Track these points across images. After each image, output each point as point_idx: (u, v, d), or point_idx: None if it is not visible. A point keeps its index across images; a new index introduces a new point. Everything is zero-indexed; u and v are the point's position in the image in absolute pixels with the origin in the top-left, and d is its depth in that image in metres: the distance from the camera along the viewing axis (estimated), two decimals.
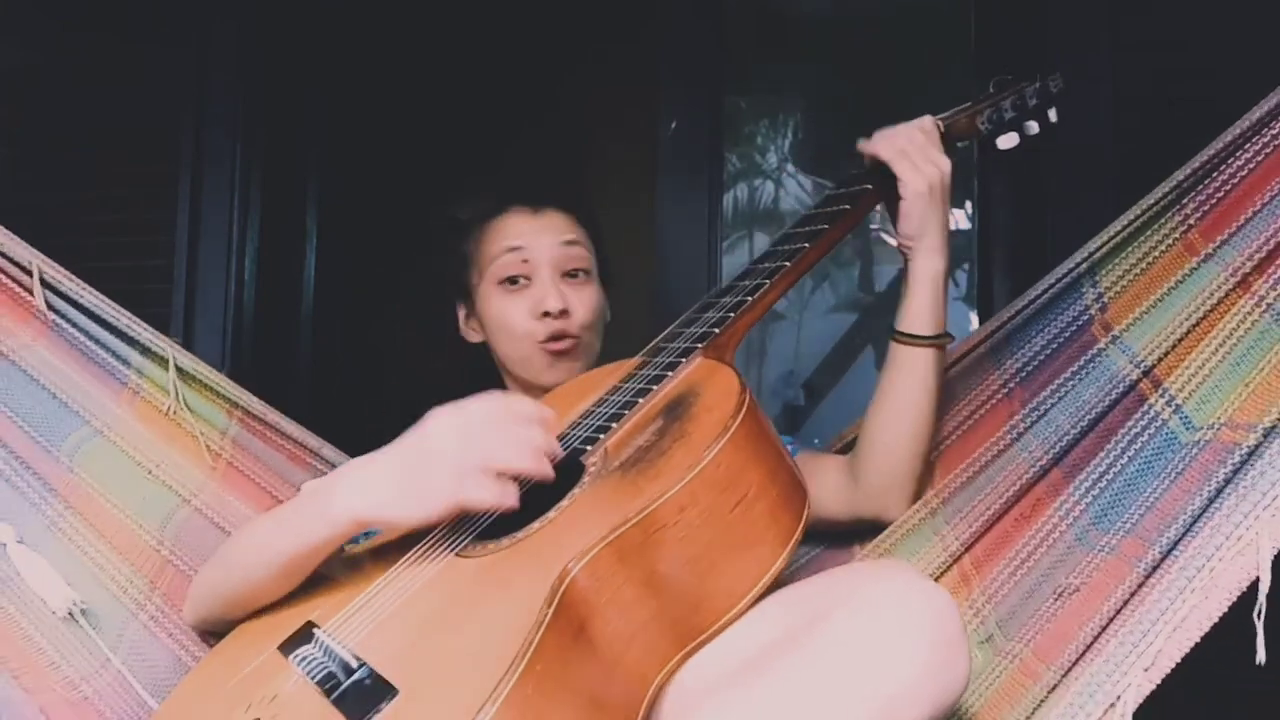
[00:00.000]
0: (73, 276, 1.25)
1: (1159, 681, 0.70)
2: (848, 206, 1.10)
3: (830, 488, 1.15)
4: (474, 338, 1.31)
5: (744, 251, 2.40)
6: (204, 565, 1.07)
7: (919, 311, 1.08)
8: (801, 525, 0.88)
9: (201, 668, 0.99)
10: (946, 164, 1.08)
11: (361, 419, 1.45)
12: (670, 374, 0.98)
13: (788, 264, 1.07)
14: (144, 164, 2.16)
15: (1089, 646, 0.81)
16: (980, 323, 2.00)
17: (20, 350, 1.21)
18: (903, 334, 1.09)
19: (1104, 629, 0.81)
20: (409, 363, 1.40)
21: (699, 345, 1.00)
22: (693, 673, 0.82)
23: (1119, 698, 0.69)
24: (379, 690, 0.74)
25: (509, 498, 0.85)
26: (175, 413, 1.27)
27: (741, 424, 0.85)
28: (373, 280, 2.61)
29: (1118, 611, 0.81)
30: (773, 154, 2.43)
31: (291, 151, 2.34)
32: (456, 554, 0.87)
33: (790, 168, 2.43)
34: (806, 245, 1.08)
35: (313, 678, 0.79)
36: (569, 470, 0.90)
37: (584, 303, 1.23)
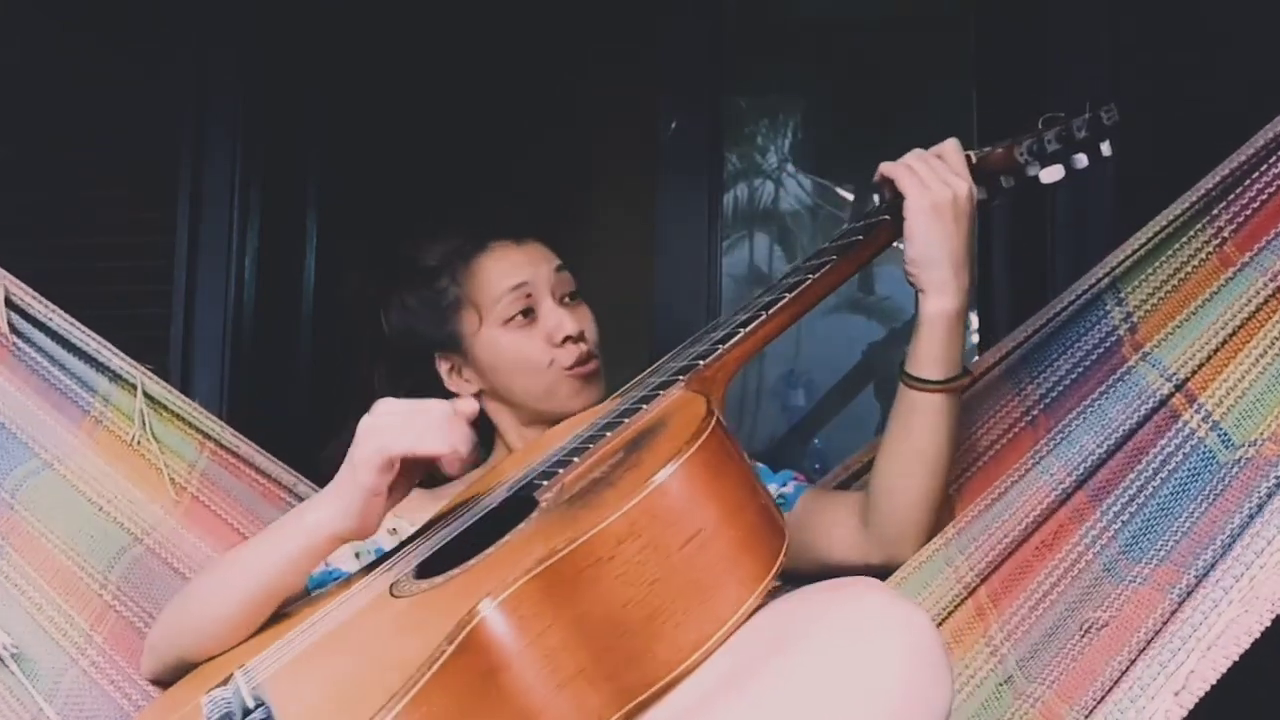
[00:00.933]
0: (41, 298, 1.20)
1: (1191, 707, 0.62)
2: (860, 237, 1.02)
3: (839, 534, 1.09)
4: (466, 389, 1.22)
5: (744, 251, 2.40)
6: (163, 612, 1.01)
7: (927, 353, 0.99)
8: (770, 574, 0.76)
9: (144, 714, 0.97)
10: (962, 186, 0.97)
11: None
12: (645, 407, 0.91)
13: (788, 296, 0.98)
14: (144, 164, 2.16)
15: (1116, 682, 0.73)
16: (980, 324, 2.00)
17: None
18: (911, 377, 1.01)
19: (1134, 661, 0.73)
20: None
21: (680, 378, 0.93)
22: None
23: None
24: None
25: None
26: (140, 442, 1.22)
27: (699, 451, 0.75)
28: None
29: (1148, 644, 0.73)
30: (773, 154, 2.43)
31: (291, 151, 2.33)
32: (391, 591, 0.83)
33: (790, 168, 2.43)
34: (810, 278, 0.99)
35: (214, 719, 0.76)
36: (524, 507, 0.85)
37: (589, 322, 1.20)
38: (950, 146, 1.02)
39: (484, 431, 1.24)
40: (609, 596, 0.71)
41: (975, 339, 2.04)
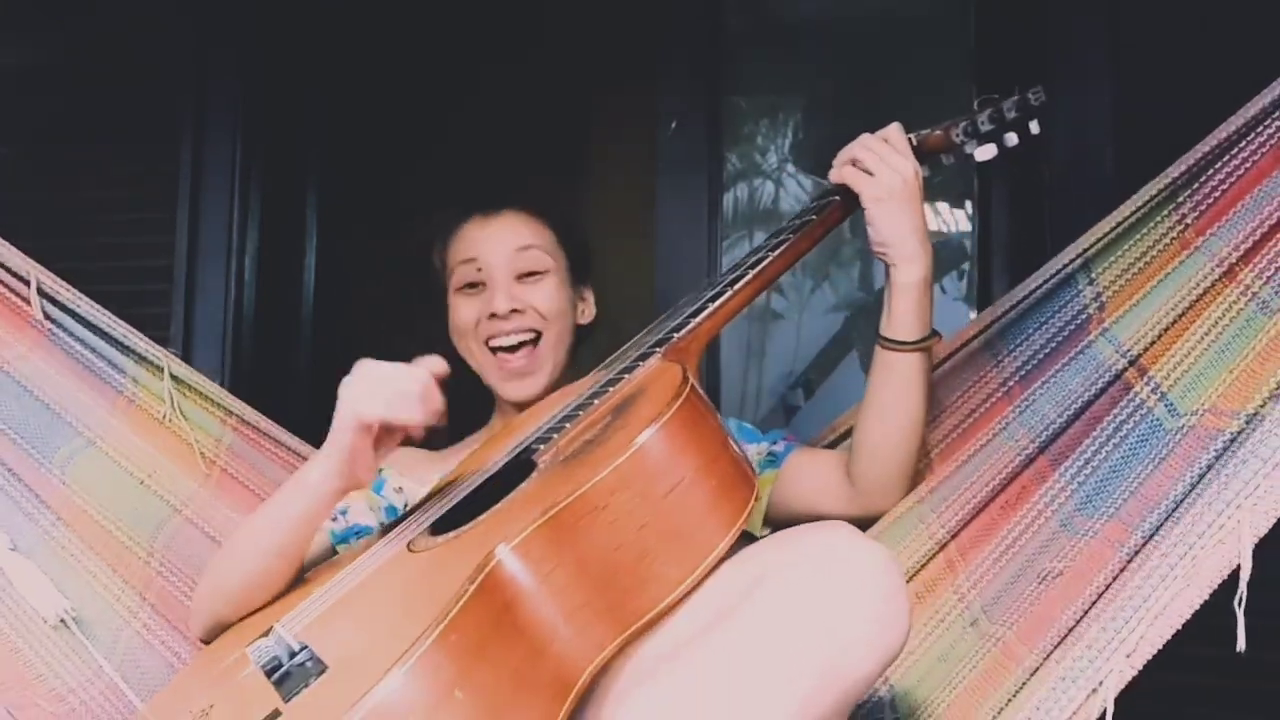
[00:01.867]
0: (70, 286, 1.26)
1: (1140, 668, 0.71)
2: (814, 218, 1.13)
3: (826, 487, 1.17)
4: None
5: (744, 251, 2.40)
6: (200, 581, 1.09)
7: (901, 318, 1.09)
8: (742, 518, 0.88)
9: (187, 668, 1.05)
10: (908, 169, 1.07)
11: None
12: (627, 376, 1.01)
13: (751, 273, 1.09)
14: (144, 164, 2.16)
15: (1070, 631, 0.82)
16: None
17: (15, 361, 1.21)
18: (887, 340, 1.10)
19: (1085, 613, 0.82)
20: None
21: (657, 349, 1.04)
22: (630, 654, 0.83)
23: (1101, 683, 0.70)
24: (314, 670, 0.79)
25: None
26: (170, 420, 1.28)
27: (677, 413, 0.86)
28: (373, 280, 2.60)
29: (1099, 595, 0.82)
30: (773, 154, 2.43)
31: (291, 151, 2.34)
32: (408, 548, 0.93)
33: (790, 168, 2.43)
34: (771, 255, 1.10)
35: (261, 665, 0.83)
36: (524, 469, 0.95)
37: (542, 298, 1.27)
38: (894, 130, 1.11)
39: (485, 392, 1.33)
40: (605, 540, 0.82)
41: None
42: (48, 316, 1.24)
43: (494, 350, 1.26)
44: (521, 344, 1.27)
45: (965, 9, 2.11)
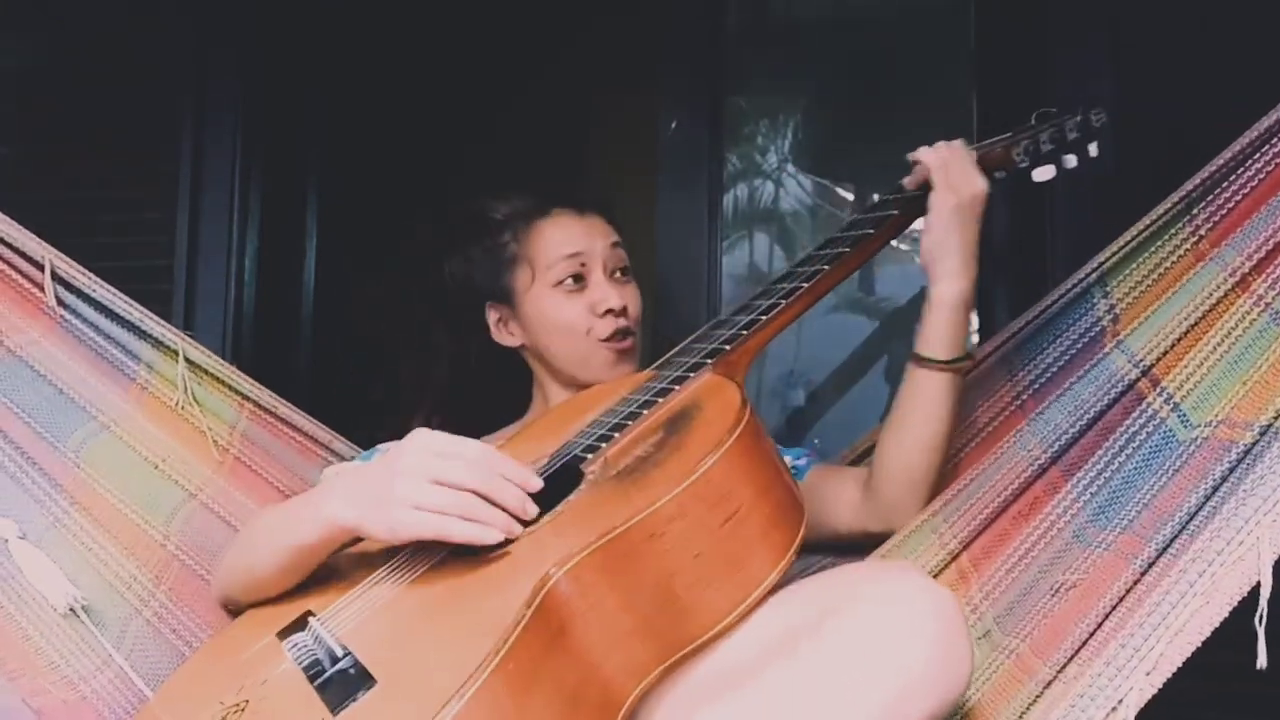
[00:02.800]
0: (85, 271, 1.25)
1: (1160, 686, 0.70)
2: (871, 231, 1.10)
3: (843, 502, 1.15)
4: (510, 341, 1.29)
5: (744, 251, 2.40)
6: (227, 547, 1.08)
7: (937, 335, 1.07)
8: (795, 544, 0.87)
9: (204, 650, 1.02)
10: (982, 185, 1.06)
11: (361, 420, 1.45)
12: (677, 388, 0.99)
13: (805, 285, 1.06)
14: (144, 164, 2.16)
15: (1084, 644, 0.82)
16: (980, 322, 2.00)
17: (28, 346, 1.21)
18: (920, 356, 1.08)
19: (1099, 626, 0.82)
20: (408, 363, 1.40)
21: (709, 361, 1.01)
22: (687, 677, 0.82)
23: (1121, 701, 0.69)
24: (359, 679, 0.76)
25: (482, 534, 0.83)
26: (183, 407, 1.27)
27: (738, 440, 0.85)
28: (373, 280, 2.60)
29: (1113, 608, 0.82)
30: (773, 154, 2.43)
31: (291, 151, 2.33)
32: (453, 553, 0.88)
33: (790, 168, 2.42)
34: (826, 268, 1.07)
35: (300, 664, 0.81)
36: (569, 477, 0.92)
37: (635, 300, 1.27)
38: (960, 144, 1.10)
39: (524, 382, 1.32)
40: (658, 567, 0.80)
41: (975, 339, 2.04)
42: (61, 302, 1.24)
43: (601, 341, 1.24)
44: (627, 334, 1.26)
45: (965, 9, 2.11)
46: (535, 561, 0.80)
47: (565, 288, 1.24)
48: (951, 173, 1.06)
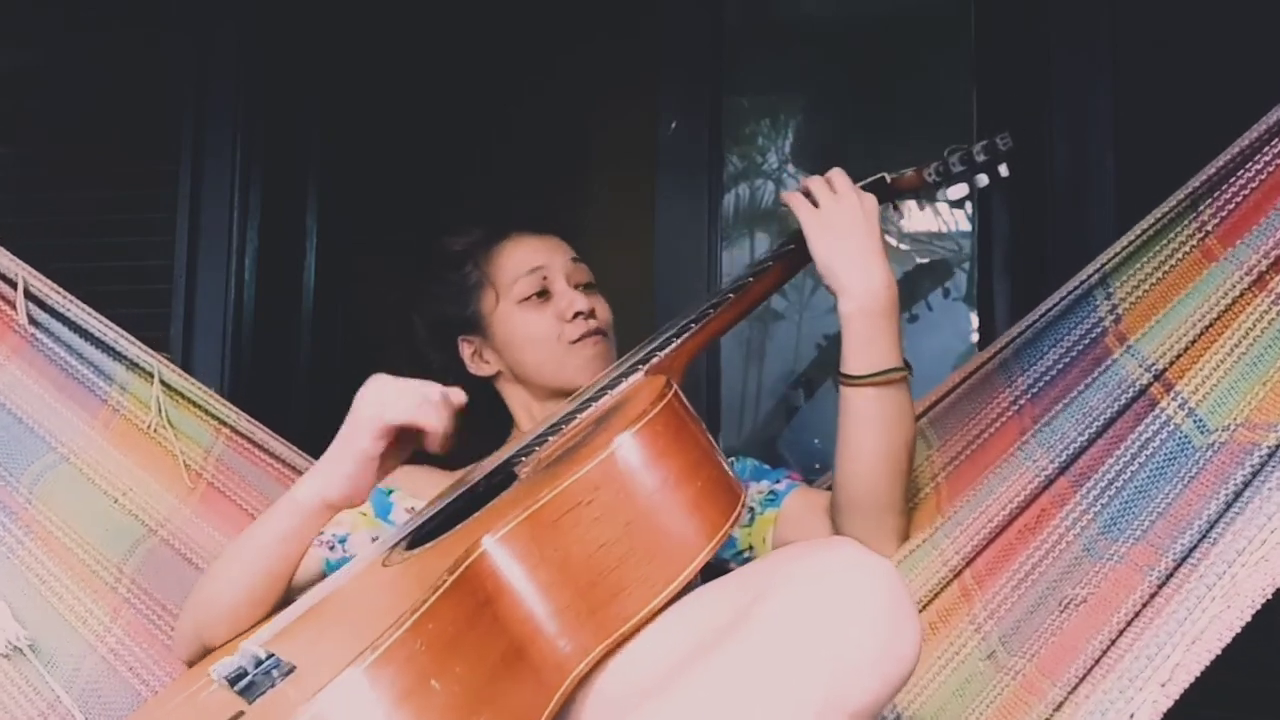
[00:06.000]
0: (60, 289, 1.22)
1: (1176, 698, 0.65)
2: (771, 264, 1.15)
3: (821, 527, 1.14)
4: (486, 370, 1.31)
5: (744, 251, 2.40)
6: (185, 603, 1.07)
7: (850, 351, 1.07)
8: (728, 523, 0.86)
9: (155, 699, 1.02)
10: (849, 200, 1.08)
11: None
12: (611, 392, 1.02)
13: (732, 296, 1.12)
14: (144, 163, 2.16)
15: (1098, 661, 0.77)
16: (980, 323, 2.00)
17: None
18: (840, 374, 1.08)
19: (1114, 642, 0.77)
20: (407, 362, 1.40)
21: (641, 366, 1.06)
22: (630, 660, 0.79)
23: (1133, 715, 0.65)
24: (279, 672, 0.77)
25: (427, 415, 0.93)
26: (156, 430, 1.24)
27: (660, 414, 0.86)
28: (373, 280, 2.60)
29: (1129, 623, 0.77)
30: (773, 154, 2.43)
31: (291, 151, 2.33)
32: (383, 562, 0.92)
33: (790, 168, 2.42)
34: (751, 279, 1.14)
35: (225, 677, 0.81)
36: (506, 482, 0.95)
37: (603, 307, 1.29)
38: (836, 172, 1.13)
39: (501, 417, 1.33)
40: (589, 537, 0.81)
41: (975, 338, 2.04)
42: (33, 321, 1.20)
43: (571, 343, 1.26)
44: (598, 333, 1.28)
45: (965, 9, 2.11)
46: (453, 554, 0.79)
47: (531, 303, 1.27)
48: (816, 192, 1.10)
